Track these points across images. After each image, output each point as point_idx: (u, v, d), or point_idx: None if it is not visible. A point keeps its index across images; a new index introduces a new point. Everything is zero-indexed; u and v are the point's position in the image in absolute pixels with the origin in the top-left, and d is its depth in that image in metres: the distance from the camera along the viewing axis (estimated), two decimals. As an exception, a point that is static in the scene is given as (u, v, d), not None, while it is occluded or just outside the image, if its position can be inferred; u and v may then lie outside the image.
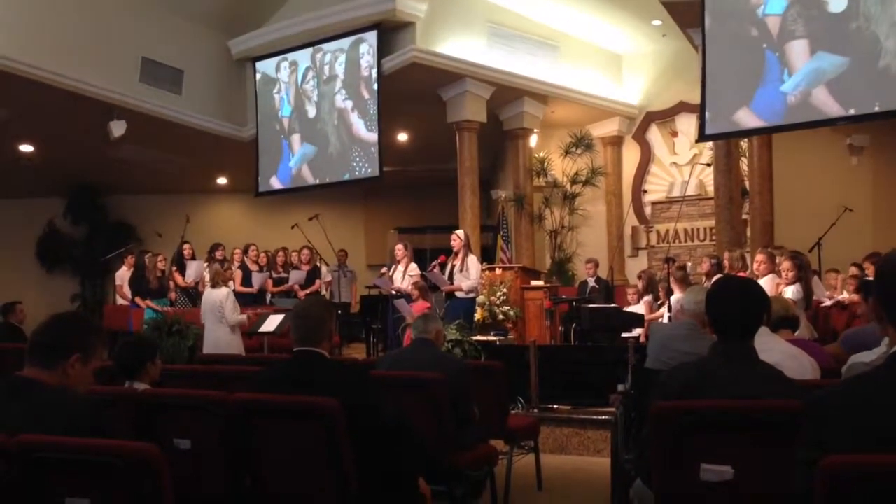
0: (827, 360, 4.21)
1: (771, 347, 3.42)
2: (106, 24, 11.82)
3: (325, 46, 12.72)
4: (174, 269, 11.00)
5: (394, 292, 9.41)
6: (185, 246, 11.19)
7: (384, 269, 10.05)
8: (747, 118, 9.10)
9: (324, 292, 11.43)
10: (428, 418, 4.00)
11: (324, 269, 11.84)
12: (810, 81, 8.61)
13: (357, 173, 12.39)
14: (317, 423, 3.01)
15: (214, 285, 7.32)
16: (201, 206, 16.27)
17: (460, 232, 9.62)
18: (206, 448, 3.30)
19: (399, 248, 9.81)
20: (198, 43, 13.09)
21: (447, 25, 12.12)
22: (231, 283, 9.18)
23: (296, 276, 11.29)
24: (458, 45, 12.13)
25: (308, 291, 11.17)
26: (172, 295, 10.60)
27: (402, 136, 14.40)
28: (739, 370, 2.71)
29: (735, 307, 2.76)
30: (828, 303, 8.00)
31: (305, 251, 11.68)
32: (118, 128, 11.97)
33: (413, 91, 12.24)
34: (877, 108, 8.32)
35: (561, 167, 14.06)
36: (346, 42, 12.47)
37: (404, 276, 9.48)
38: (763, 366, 2.76)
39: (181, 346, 7.68)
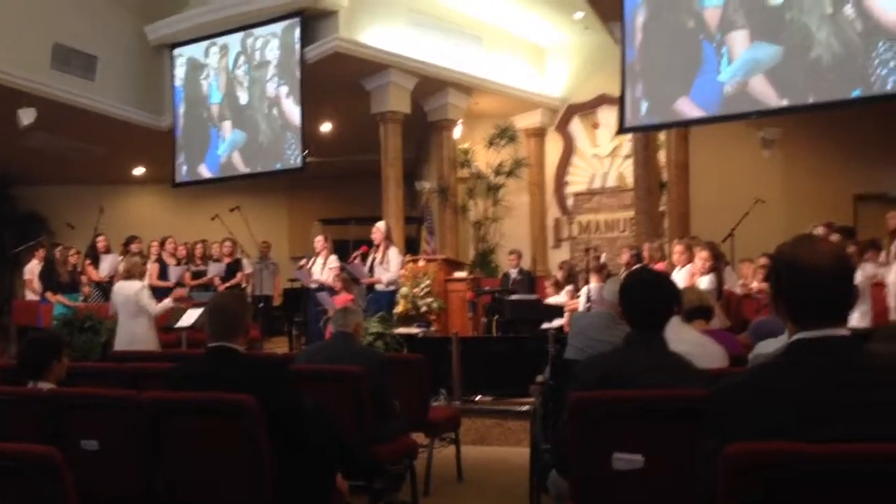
0: (737, 349, 4.33)
1: (682, 337, 3.50)
2: (15, 7, 11.34)
3: (257, 31, 12.44)
4: (87, 262, 10.64)
5: (313, 285, 9.32)
6: (99, 238, 10.83)
7: (303, 262, 9.94)
8: (687, 108, 9.27)
9: (245, 285, 11.23)
10: (347, 412, 3.97)
11: (245, 261, 11.63)
12: (747, 71, 8.79)
13: (291, 162, 12.18)
14: (232, 420, 2.95)
15: (129, 277, 7.09)
16: (116, 197, 15.79)
17: (381, 224, 9.57)
18: (116, 449, 3.21)
19: (318, 240, 9.72)
20: (113, 28, 12.68)
21: (371, 15, 12.03)
22: (147, 276, 8.94)
23: (215, 269, 11.05)
24: (383, 35, 12.05)
25: (229, 284, 10.95)
26: (85, 289, 10.26)
27: (326, 127, 14.25)
28: (650, 360, 2.77)
29: (646, 298, 2.83)
30: (740, 292, 8.25)
31: (227, 243, 11.44)
32: (27, 116, 11.51)
33: (336, 81, 12.12)
34: (811, 100, 8.56)
35: (485, 158, 14.14)
36: (278, 27, 12.25)
37: (324, 268, 9.40)
38: (673, 355, 2.83)
39: (94, 342, 7.44)
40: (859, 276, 6.86)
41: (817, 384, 1.76)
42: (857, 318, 6.68)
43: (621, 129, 10.44)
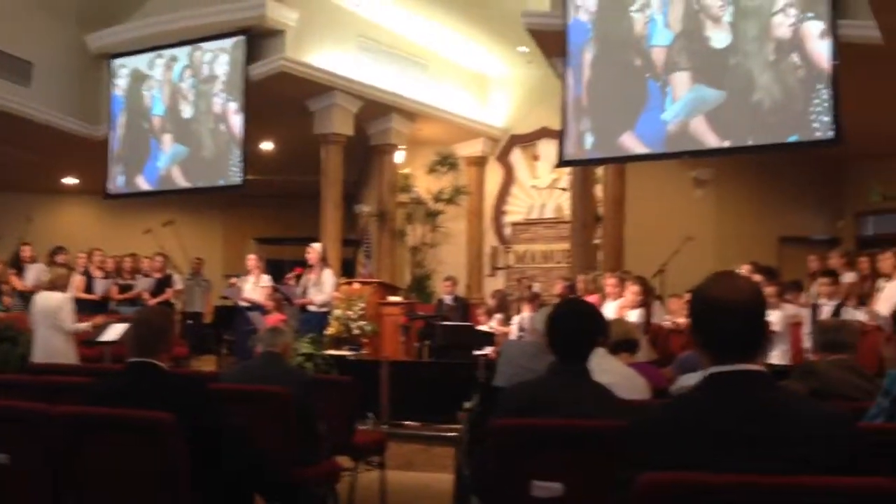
0: (661, 381, 4.42)
1: (606, 368, 3.55)
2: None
3: (206, 45, 12.30)
4: (12, 271, 10.31)
5: (244, 303, 9.20)
6: (25, 248, 10.53)
7: (234, 279, 9.81)
8: (631, 143, 9.46)
9: (175, 301, 11.02)
10: (271, 433, 3.91)
11: (176, 277, 11.41)
12: (689, 112, 9.03)
13: (235, 179, 12.02)
14: (149, 438, 2.89)
15: (53, 289, 6.90)
16: (46, 206, 15.37)
17: (317, 245, 9.52)
18: (28, 465, 3.10)
19: (251, 259, 9.62)
20: (51, 36, 12.39)
21: (318, 36, 12.02)
22: (72, 288, 8.70)
23: (144, 284, 10.82)
24: (329, 56, 12.06)
25: (157, 300, 10.73)
26: (6, 300, 9.93)
27: (268, 145, 14.15)
28: (573, 390, 2.81)
29: (571, 329, 2.87)
30: (668, 326, 8.42)
31: (158, 258, 11.22)
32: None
33: (281, 100, 12.05)
34: (750, 142, 8.83)
35: (425, 184, 14.20)
36: (227, 42, 12.13)
37: (256, 287, 9.29)
38: (596, 386, 2.87)
39: (11, 353, 7.19)
40: (780, 316, 7.08)
41: (729, 417, 1.82)
42: (778, 357, 6.88)
43: (561, 163, 10.62)
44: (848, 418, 1.93)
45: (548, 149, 13.66)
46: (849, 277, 7.98)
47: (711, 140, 8.88)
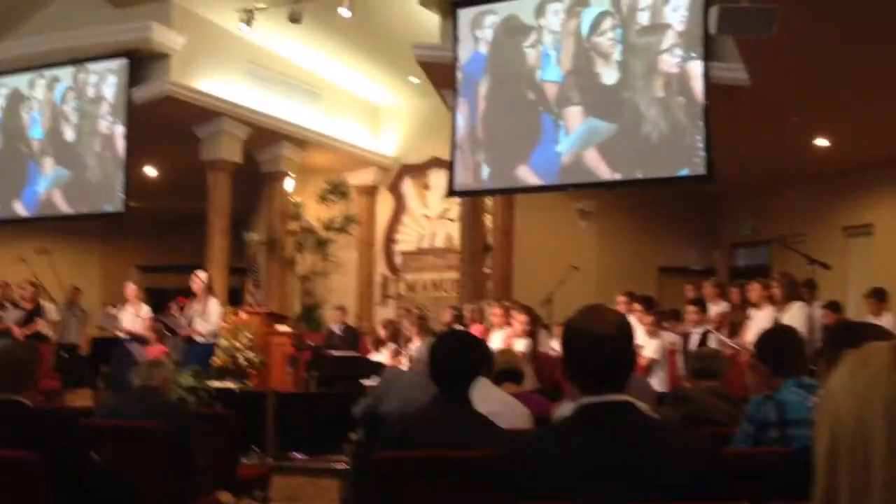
0: (545, 410, 4.50)
1: (488, 398, 3.60)
2: None
3: (91, 66, 11.86)
4: None
5: (121, 333, 8.87)
6: None
7: (110, 309, 9.45)
8: (526, 175, 9.64)
9: (48, 333, 10.47)
10: (145, 470, 3.77)
11: (49, 307, 10.85)
12: (582, 145, 9.28)
13: (120, 205, 11.57)
14: (11, 478, 2.75)
15: None
16: None
17: (202, 273, 9.27)
18: None
19: (130, 288, 9.29)
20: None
21: (206, 61, 11.82)
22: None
23: (12, 315, 10.25)
24: (217, 82, 11.86)
25: (26, 332, 10.17)
26: None
27: (152, 171, 13.74)
28: (454, 420, 2.83)
29: (451, 360, 2.89)
30: (554, 355, 8.58)
31: (28, 287, 10.65)
32: None
33: (166, 125, 11.76)
34: (639, 175, 9.12)
35: (316, 213, 14.10)
36: (114, 63, 11.72)
37: (135, 317, 8.97)
38: (476, 416, 2.90)
39: None
40: (658, 344, 7.35)
41: (597, 447, 1.87)
42: (656, 383, 7.11)
43: (451, 193, 10.75)
44: (711, 445, 2.02)
45: (439, 178, 13.79)
46: (721, 306, 8.35)
47: (604, 172, 9.16)
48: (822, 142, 10.21)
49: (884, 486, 1.02)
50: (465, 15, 10.22)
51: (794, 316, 7.01)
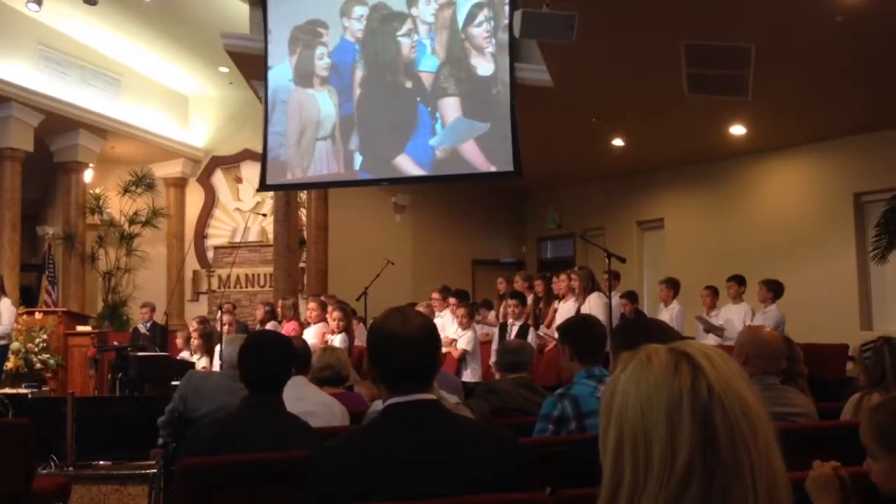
0: (361, 407, 4.53)
1: (303, 397, 3.60)
2: None
3: None
4: None
5: None
6: None
7: None
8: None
9: None
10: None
11: None
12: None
13: None
14: None
15: None
16: None
17: (-10, 272, 8.60)
18: None
19: None
20: None
21: (-9, 43, 10.90)
22: None
23: None
24: (4, 65, 10.95)
25: None
26: None
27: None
28: (266, 421, 2.80)
29: (262, 362, 2.86)
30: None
31: None
32: None
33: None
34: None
35: (119, 206, 13.39)
36: None
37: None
38: (288, 417, 2.89)
39: None
40: (471, 336, 7.58)
41: (403, 445, 1.93)
42: (469, 375, 7.35)
43: (262, 187, 10.54)
44: (512, 438, 2.13)
45: (251, 171, 13.49)
46: (530, 298, 8.73)
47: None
48: (618, 142, 10.90)
49: (657, 478, 1.12)
50: (276, 5, 10.01)
51: (594, 306, 7.49)
